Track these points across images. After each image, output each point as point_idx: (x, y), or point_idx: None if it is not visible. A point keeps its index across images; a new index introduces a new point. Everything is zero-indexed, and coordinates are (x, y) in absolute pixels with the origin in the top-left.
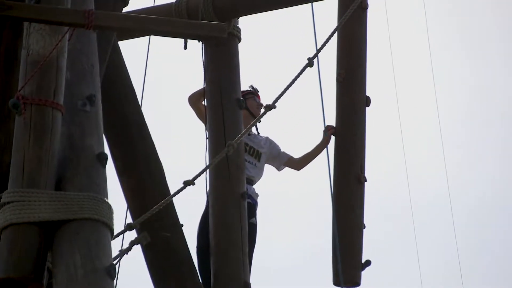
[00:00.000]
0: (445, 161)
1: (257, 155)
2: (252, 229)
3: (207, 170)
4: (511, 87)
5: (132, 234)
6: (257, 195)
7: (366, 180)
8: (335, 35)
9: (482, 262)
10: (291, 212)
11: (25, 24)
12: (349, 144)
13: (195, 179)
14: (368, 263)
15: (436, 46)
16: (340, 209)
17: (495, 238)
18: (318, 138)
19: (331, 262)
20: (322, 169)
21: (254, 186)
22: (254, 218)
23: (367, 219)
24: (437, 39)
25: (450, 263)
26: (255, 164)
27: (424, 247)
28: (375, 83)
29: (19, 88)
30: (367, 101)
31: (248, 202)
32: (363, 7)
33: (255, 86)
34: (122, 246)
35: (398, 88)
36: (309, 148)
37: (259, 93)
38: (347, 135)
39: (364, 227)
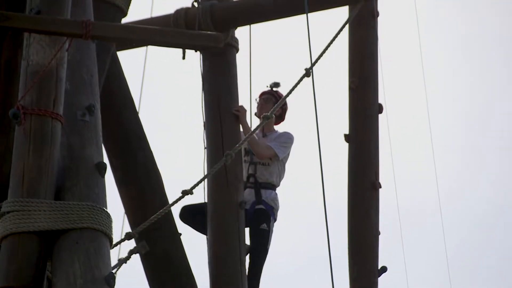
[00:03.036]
0: (435, 172)
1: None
2: (263, 234)
3: (205, 180)
4: (507, 97)
5: (131, 243)
6: (273, 199)
7: (381, 187)
8: (343, 44)
9: (472, 271)
10: (292, 218)
11: (25, 35)
12: (363, 151)
13: (193, 188)
14: (384, 269)
15: (428, 53)
16: (355, 216)
17: (486, 248)
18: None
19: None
20: (336, 176)
21: (270, 190)
22: (265, 224)
23: None
24: (430, 43)
25: (440, 273)
26: (268, 164)
27: (413, 257)
28: None
29: (19, 98)
30: (379, 108)
31: (260, 208)
32: (374, 15)
33: (271, 85)
34: (119, 255)
35: (388, 96)
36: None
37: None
38: (361, 142)
39: (379, 233)
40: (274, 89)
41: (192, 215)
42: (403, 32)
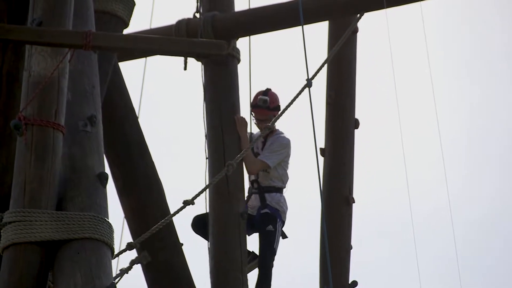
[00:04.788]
0: (446, 177)
1: None
2: (269, 235)
3: (207, 190)
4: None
5: (132, 253)
6: (278, 202)
7: (354, 202)
8: (323, 59)
9: (483, 275)
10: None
11: (27, 45)
12: (337, 166)
13: (195, 198)
14: (354, 284)
15: (437, 63)
16: (328, 230)
17: (495, 252)
18: (310, 158)
19: (318, 282)
20: (312, 189)
21: (275, 193)
22: (271, 226)
23: (368, 237)
24: (438, 57)
25: (450, 279)
26: (266, 171)
27: (425, 262)
28: (378, 101)
29: (20, 109)
30: (356, 123)
31: (266, 212)
32: (354, 30)
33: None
34: (117, 265)
35: (400, 105)
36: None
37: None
38: (336, 156)
39: (351, 248)
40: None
41: (204, 225)
42: (411, 41)
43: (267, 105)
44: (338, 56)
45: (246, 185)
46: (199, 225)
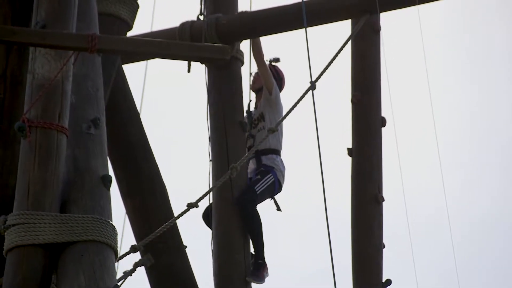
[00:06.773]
0: (443, 182)
1: (261, 116)
2: (255, 181)
3: (211, 192)
4: (510, 109)
5: (136, 255)
6: (273, 161)
7: (384, 200)
8: (347, 58)
9: (481, 278)
10: (298, 231)
11: (31, 48)
12: (366, 165)
13: (199, 201)
14: (388, 282)
15: (434, 68)
16: (359, 229)
17: (493, 255)
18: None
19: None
20: (342, 189)
21: (271, 154)
22: (259, 176)
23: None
24: (435, 61)
25: (449, 281)
26: (263, 127)
27: (423, 267)
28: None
29: (24, 111)
30: (382, 122)
31: (260, 170)
32: (376, 30)
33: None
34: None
35: (395, 110)
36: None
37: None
38: (364, 156)
39: (384, 246)
40: (273, 63)
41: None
42: (408, 45)
43: (274, 62)
44: (362, 56)
45: None
46: (211, 216)
